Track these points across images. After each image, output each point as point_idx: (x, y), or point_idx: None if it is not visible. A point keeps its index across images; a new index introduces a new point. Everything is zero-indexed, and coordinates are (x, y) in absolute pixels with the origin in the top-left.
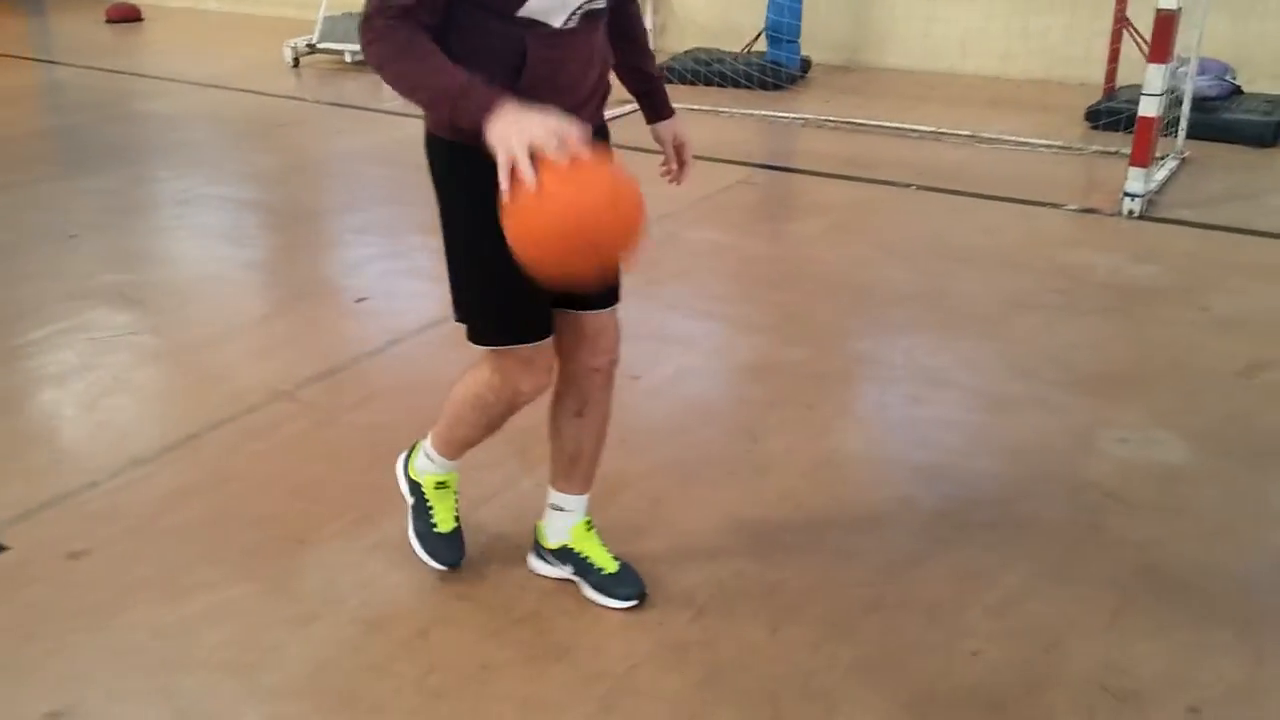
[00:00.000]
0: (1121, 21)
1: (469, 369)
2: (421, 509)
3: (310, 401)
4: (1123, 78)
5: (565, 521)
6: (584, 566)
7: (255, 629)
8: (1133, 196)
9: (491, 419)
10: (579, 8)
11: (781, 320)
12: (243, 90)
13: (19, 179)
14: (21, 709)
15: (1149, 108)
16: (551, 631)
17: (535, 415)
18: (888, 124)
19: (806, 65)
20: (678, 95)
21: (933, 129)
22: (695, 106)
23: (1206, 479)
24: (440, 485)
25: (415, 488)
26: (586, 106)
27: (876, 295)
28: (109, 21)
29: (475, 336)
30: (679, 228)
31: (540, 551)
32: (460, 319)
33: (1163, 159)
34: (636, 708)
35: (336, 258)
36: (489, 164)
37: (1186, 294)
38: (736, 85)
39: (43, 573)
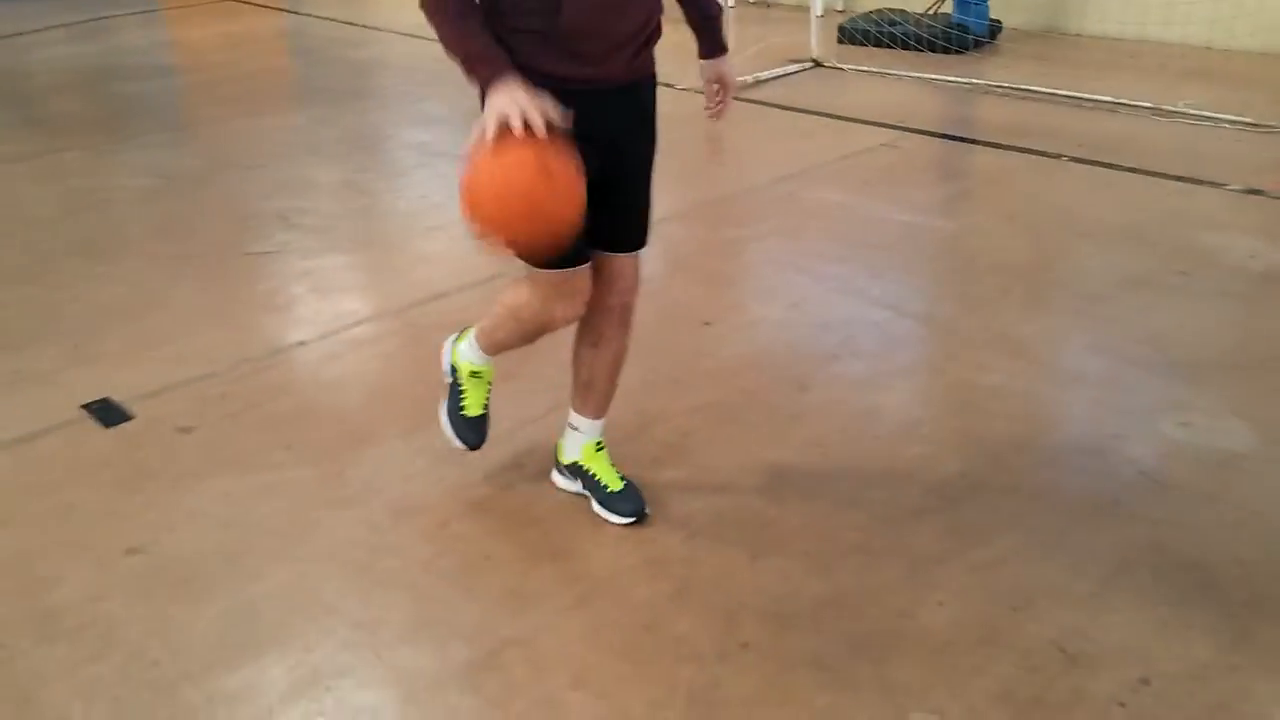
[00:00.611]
0: None
1: (517, 280)
2: (455, 391)
3: (411, 321)
4: None
5: (578, 440)
6: (592, 483)
7: (302, 506)
8: None
9: (526, 333)
10: None
11: (869, 281)
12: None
13: (223, 114)
14: (110, 544)
15: None
16: (553, 536)
17: None
18: (1063, 92)
19: (996, 29)
20: (851, 56)
21: (1110, 99)
22: (862, 68)
23: (1259, 471)
24: (475, 374)
25: (453, 371)
26: (625, 49)
27: (978, 263)
28: None
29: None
30: (800, 187)
31: (559, 466)
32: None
33: None
34: (605, 608)
35: None
36: (564, 100)
37: None
38: (919, 48)
39: (155, 440)
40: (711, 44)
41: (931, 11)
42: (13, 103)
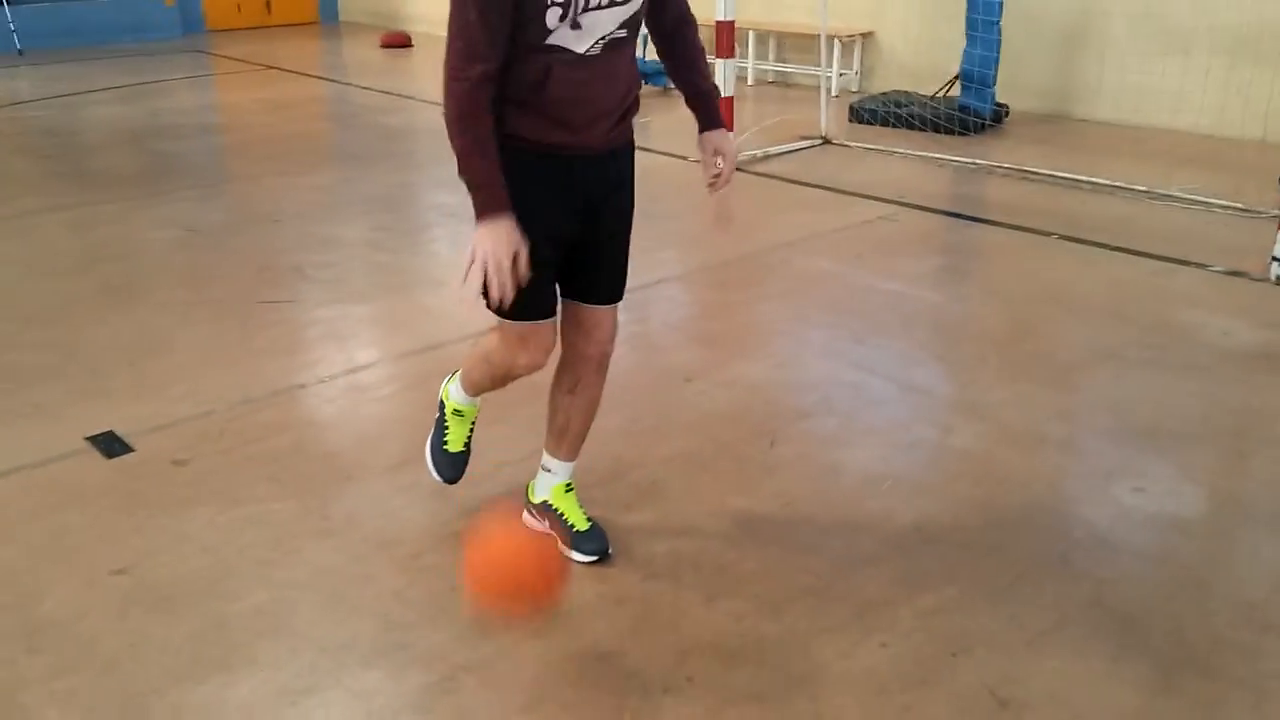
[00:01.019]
0: None
1: (492, 327)
2: (440, 425)
3: (407, 369)
4: None
5: (549, 481)
6: (559, 522)
7: (284, 536)
8: None
9: (495, 376)
10: (602, 38)
11: (851, 345)
12: None
13: (255, 172)
14: (98, 564)
15: None
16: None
17: None
18: (1061, 174)
19: (1002, 113)
20: (861, 135)
21: (1107, 182)
22: (869, 146)
23: (1209, 537)
24: (458, 412)
25: (441, 406)
26: (606, 120)
27: (958, 332)
28: (382, 47)
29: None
30: (796, 255)
31: (529, 506)
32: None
33: None
34: (561, 639)
35: None
36: (544, 163)
37: None
38: (924, 129)
39: (150, 472)
40: (708, 118)
41: (941, 94)
42: (57, 158)
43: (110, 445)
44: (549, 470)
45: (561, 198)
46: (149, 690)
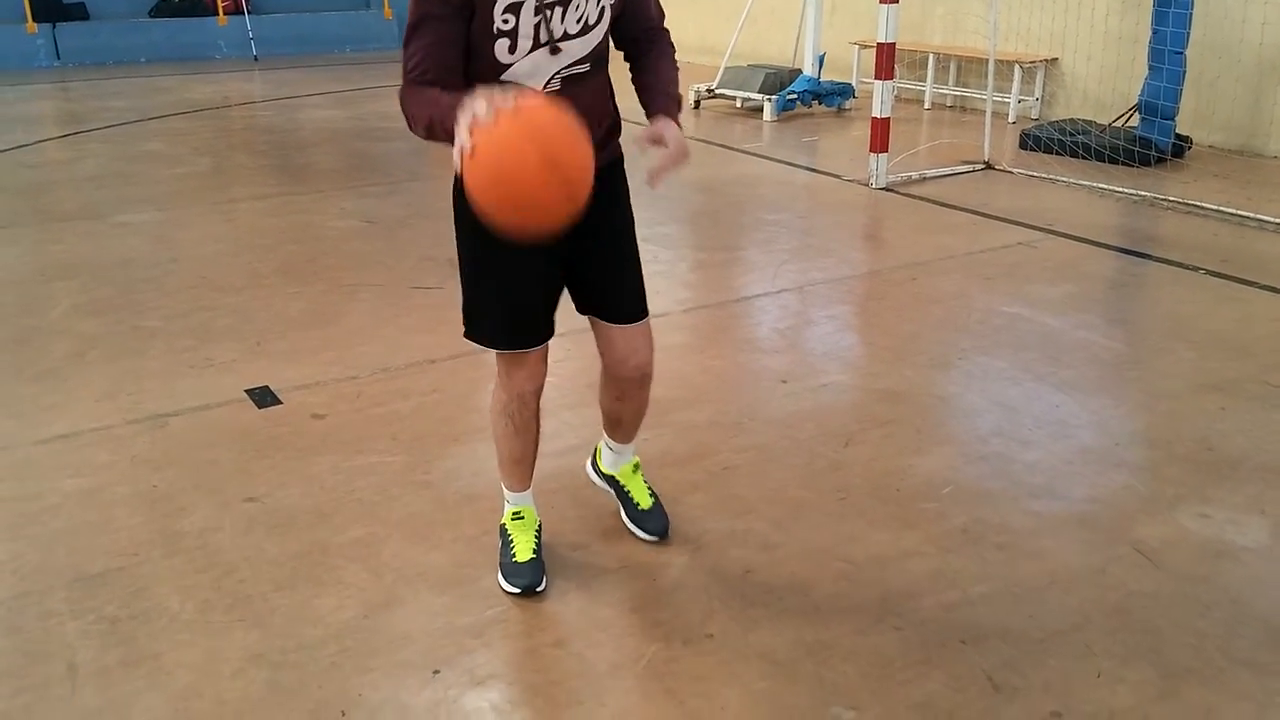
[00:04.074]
0: None
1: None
2: (505, 547)
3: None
4: None
5: (616, 460)
6: (624, 497)
7: (390, 484)
8: None
9: (514, 421)
10: (558, 73)
11: (952, 361)
12: (633, 122)
13: (439, 173)
14: (233, 492)
15: None
16: (579, 529)
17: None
18: (1229, 210)
19: (1183, 146)
20: (1028, 162)
21: (1274, 219)
22: (1031, 173)
23: (1257, 564)
24: (517, 516)
25: (502, 531)
26: None
27: (1065, 356)
28: None
29: (470, 335)
30: (923, 274)
31: (596, 468)
32: (467, 331)
33: None
34: (603, 589)
35: None
36: None
37: None
38: (1095, 159)
39: (292, 421)
40: (656, 104)
41: (1120, 124)
42: (270, 153)
43: (263, 397)
44: (614, 450)
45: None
46: (254, 593)
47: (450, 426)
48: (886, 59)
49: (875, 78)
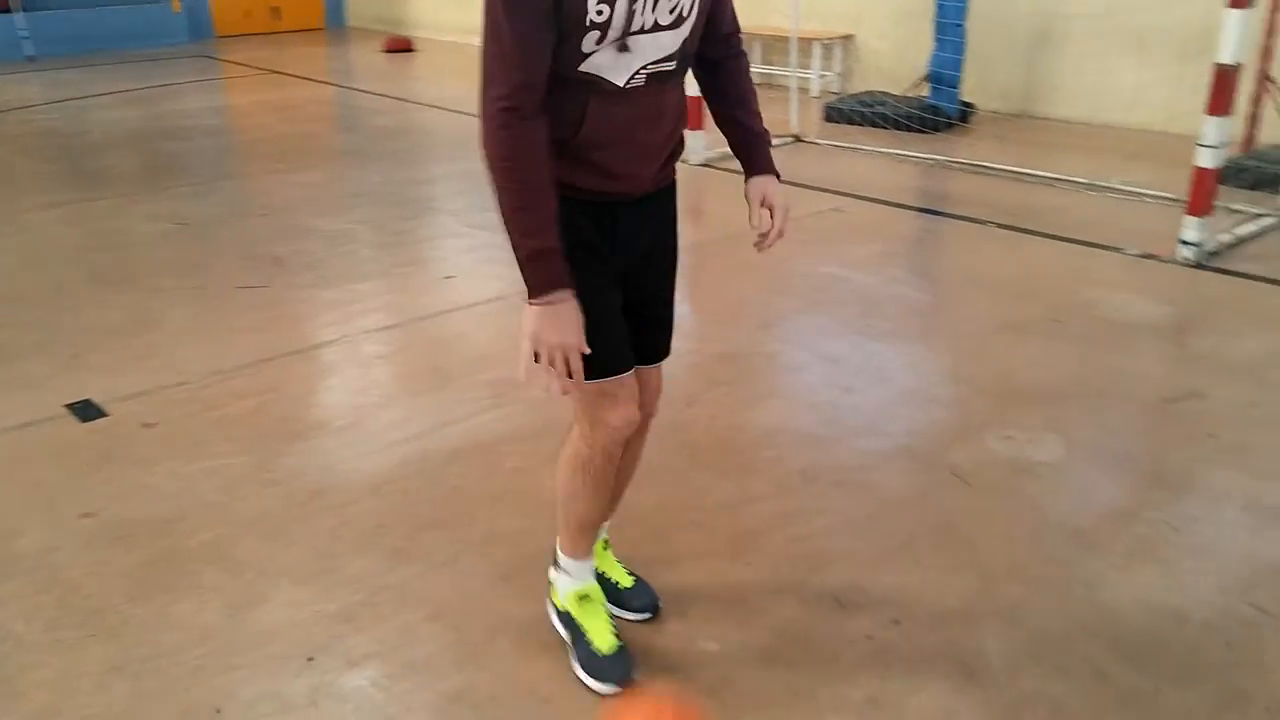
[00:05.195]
0: (1263, 82)
1: (561, 451)
2: (578, 636)
3: (362, 344)
4: (1268, 138)
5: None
6: (603, 583)
7: (235, 485)
8: (1188, 245)
9: (595, 476)
10: (644, 67)
11: (777, 321)
12: (461, 112)
13: (251, 171)
14: (68, 509)
15: (1205, 159)
16: (440, 511)
17: None
18: (1012, 169)
19: (968, 112)
20: (833, 133)
21: (1052, 175)
22: (839, 144)
23: (1054, 477)
24: (583, 598)
25: (565, 618)
26: (650, 163)
27: (877, 310)
28: (385, 51)
29: (593, 368)
30: (748, 243)
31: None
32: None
33: (1263, 215)
34: (471, 564)
35: (444, 244)
36: (583, 212)
37: (1177, 333)
38: (894, 127)
39: (120, 432)
40: (754, 161)
41: (912, 94)
42: (59, 159)
43: (86, 411)
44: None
45: (617, 249)
46: (105, 607)
47: (291, 424)
48: None
49: None
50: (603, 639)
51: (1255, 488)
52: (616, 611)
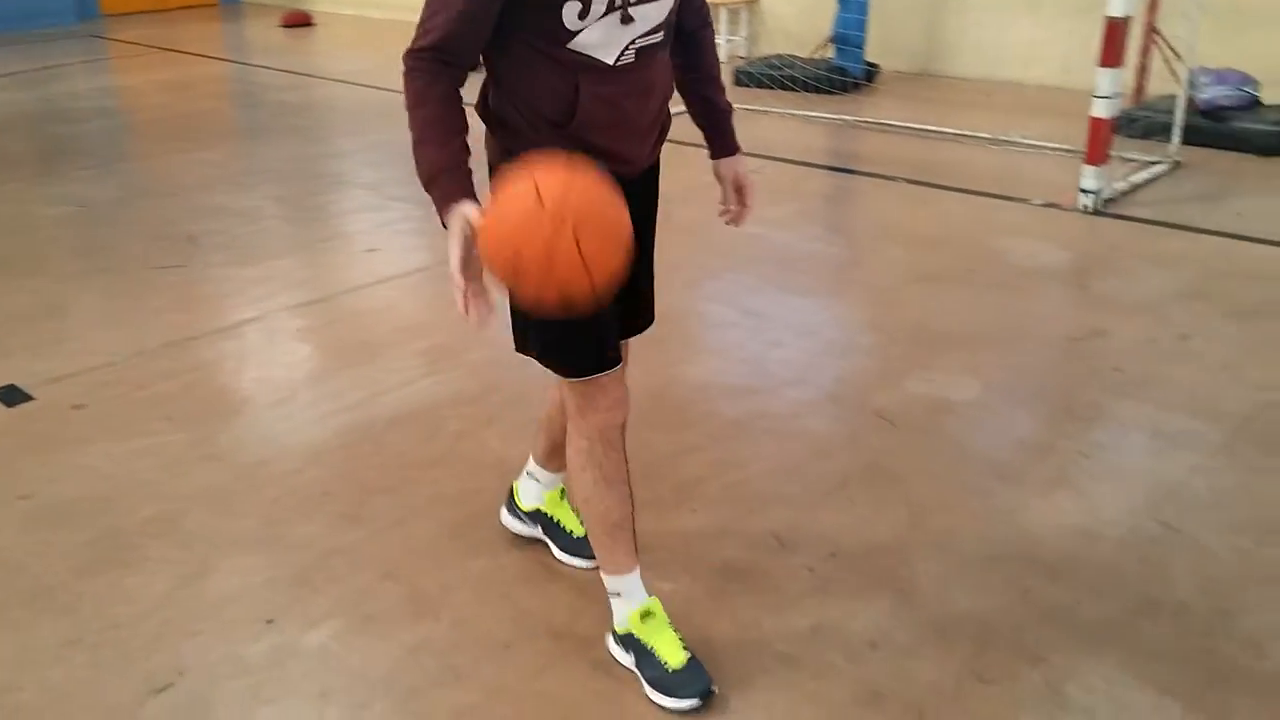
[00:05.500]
0: (1149, 34)
1: (567, 458)
2: (646, 657)
3: (286, 320)
4: (1157, 89)
5: (542, 488)
6: (555, 530)
7: (174, 462)
8: (1087, 193)
9: (602, 469)
10: (632, 42)
11: (704, 281)
12: (365, 85)
13: (152, 150)
14: (2, 494)
15: (1099, 109)
16: (387, 475)
17: None
18: (916, 126)
19: (873, 72)
20: (744, 98)
21: (955, 131)
22: (750, 107)
23: (970, 415)
24: (646, 615)
25: (627, 640)
26: (643, 143)
27: (798, 265)
28: (283, 26)
29: (567, 366)
30: (673, 207)
31: (514, 510)
32: (557, 364)
33: (1155, 163)
34: (420, 525)
35: (362, 217)
36: None
37: (1080, 275)
38: (803, 89)
39: (50, 415)
40: (726, 140)
41: (818, 56)
42: None
43: (10, 396)
44: (539, 481)
45: None
46: (55, 585)
47: (224, 401)
48: None
49: None
50: (672, 654)
51: (1158, 416)
52: (570, 559)
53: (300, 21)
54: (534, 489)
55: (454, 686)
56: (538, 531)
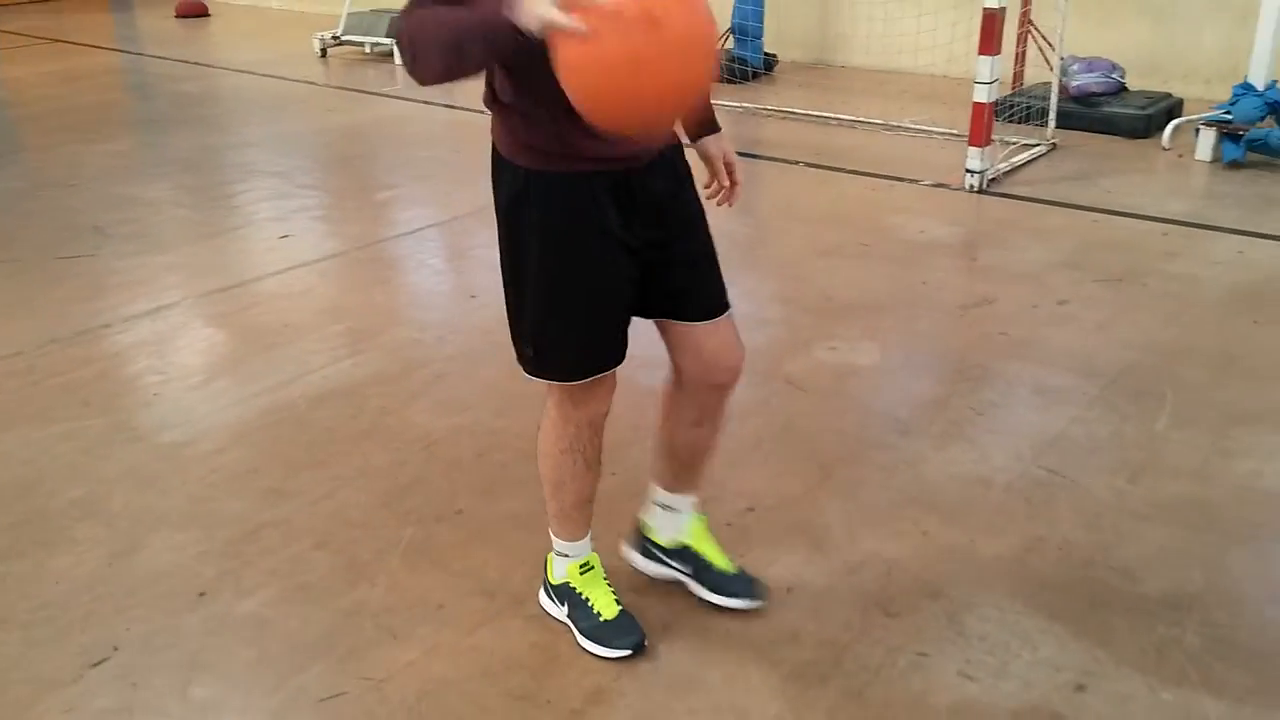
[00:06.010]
0: (1025, 24)
1: (539, 432)
2: (580, 608)
3: (200, 306)
4: (1032, 76)
5: (679, 518)
6: (702, 567)
7: (95, 445)
8: (972, 173)
9: (585, 456)
10: None
11: None
12: (267, 75)
13: (50, 142)
14: None
15: (980, 95)
16: (314, 451)
17: None
18: (814, 113)
19: (771, 62)
20: None
21: (850, 117)
22: None
23: (872, 377)
24: (585, 567)
25: (562, 591)
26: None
27: None
28: (178, 16)
29: (540, 371)
30: None
31: (650, 548)
32: (528, 362)
33: (1033, 145)
34: (349, 495)
35: (274, 205)
36: (563, 190)
37: (967, 248)
38: None
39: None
40: (709, 119)
41: (719, 47)
42: None
43: None
44: (673, 509)
45: (631, 210)
46: None
47: (143, 385)
48: None
49: None
50: (607, 606)
51: (1040, 374)
52: (714, 600)
53: (195, 12)
54: (673, 521)
55: (392, 645)
56: (676, 573)
